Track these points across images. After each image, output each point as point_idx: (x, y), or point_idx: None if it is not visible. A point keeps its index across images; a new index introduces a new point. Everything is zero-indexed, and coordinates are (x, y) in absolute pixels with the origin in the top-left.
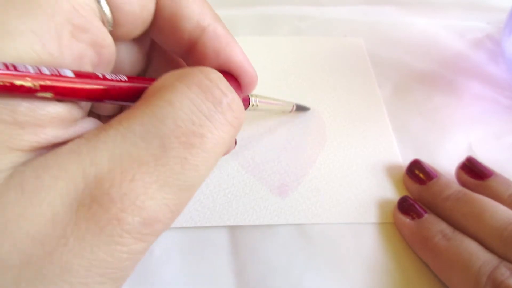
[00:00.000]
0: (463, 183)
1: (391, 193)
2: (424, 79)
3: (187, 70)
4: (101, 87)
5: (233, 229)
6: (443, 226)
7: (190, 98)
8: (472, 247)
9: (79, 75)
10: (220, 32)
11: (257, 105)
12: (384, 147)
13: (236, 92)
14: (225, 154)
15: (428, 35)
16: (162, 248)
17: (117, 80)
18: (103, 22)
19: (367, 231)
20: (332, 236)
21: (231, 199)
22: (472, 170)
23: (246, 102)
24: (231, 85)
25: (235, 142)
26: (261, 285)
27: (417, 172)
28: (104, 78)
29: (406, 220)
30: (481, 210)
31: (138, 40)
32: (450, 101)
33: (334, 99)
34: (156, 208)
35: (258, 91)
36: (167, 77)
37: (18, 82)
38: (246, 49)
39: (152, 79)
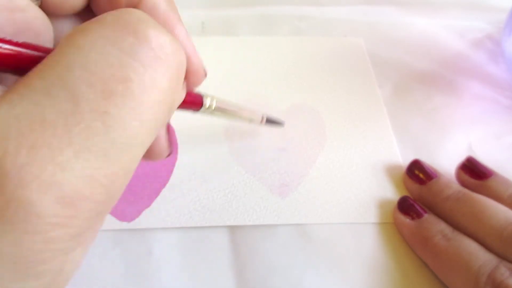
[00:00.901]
0: (463, 183)
1: (391, 193)
2: (424, 79)
3: (102, 14)
4: None
5: (233, 229)
6: (443, 226)
7: (104, 36)
8: (472, 247)
9: None
10: (159, 5)
11: (213, 108)
12: (384, 147)
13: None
14: (166, 114)
15: (428, 35)
16: (162, 248)
17: (6, 41)
18: None
19: (367, 231)
20: (332, 236)
21: (231, 199)
22: (472, 170)
23: (198, 100)
24: None
25: (172, 147)
26: (261, 285)
27: (417, 172)
28: None
29: (406, 220)
30: (481, 210)
31: (83, 15)
32: (450, 101)
33: (334, 99)
34: (75, 181)
35: (258, 91)
36: (78, 26)
37: None
38: (246, 49)
39: None
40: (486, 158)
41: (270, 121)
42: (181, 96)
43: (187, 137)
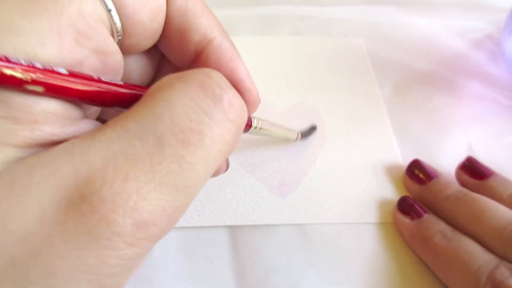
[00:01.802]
0: (463, 183)
1: (391, 193)
2: (424, 79)
3: (187, 71)
4: (95, 88)
5: (233, 229)
6: (442, 226)
7: (189, 95)
8: (471, 247)
9: (72, 74)
10: (225, 46)
11: (260, 128)
12: (384, 147)
13: None
14: (226, 156)
15: (428, 35)
16: (162, 248)
17: (112, 84)
18: (112, 31)
19: (367, 231)
20: (332, 236)
21: (231, 199)
22: (472, 170)
23: (248, 124)
24: None
25: (227, 165)
26: (261, 285)
27: (417, 172)
28: (99, 80)
29: (406, 220)
30: (481, 210)
31: (149, 52)
32: (450, 101)
33: (334, 99)
34: (151, 209)
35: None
36: (166, 78)
37: (8, 72)
38: (246, 49)
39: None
40: (486, 158)
41: (304, 135)
42: (237, 143)
43: None
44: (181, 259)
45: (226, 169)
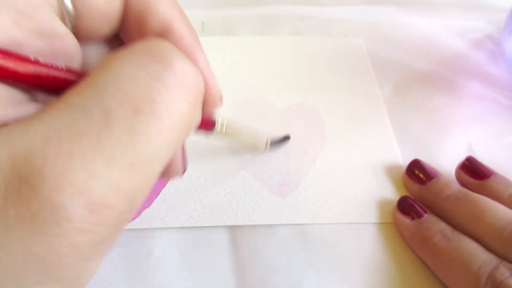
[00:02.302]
0: (463, 183)
1: (391, 193)
2: (424, 79)
3: (132, 43)
4: (29, 70)
5: (233, 229)
6: (443, 226)
7: (135, 62)
8: (472, 247)
9: (4, 53)
10: (185, 35)
11: (225, 131)
12: (384, 147)
13: None
14: (185, 132)
15: (428, 35)
16: (162, 248)
17: (52, 67)
18: (62, 13)
19: (367, 231)
20: (332, 236)
21: (231, 199)
22: (472, 170)
23: (211, 123)
24: None
25: (185, 165)
26: (261, 285)
27: (417, 172)
28: (36, 63)
29: (406, 220)
30: (481, 210)
31: (111, 42)
32: (450, 101)
33: (334, 99)
34: (103, 190)
35: (258, 91)
36: (111, 53)
37: None
38: (246, 49)
39: None
40: (486, 158)
41: (275, 143)
42: (198, 118)
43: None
44: (181, 259)
45: (184, 171)
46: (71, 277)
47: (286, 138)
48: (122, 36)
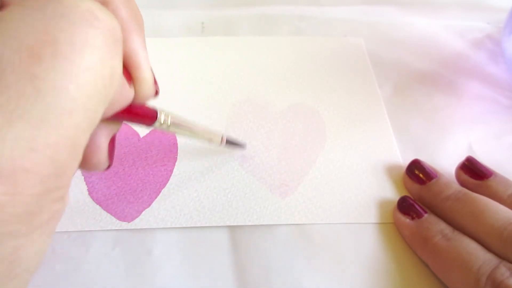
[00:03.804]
0: (463, 183)
1: (391, 193)
2: (424, 79)
3: None
4: None
5: (233, 229)
6: (443, 226)
7: (28, 6)
8: (472, 247)
9: None
10: (122, 13)
11: (169, 125)
12: (384, 147)
13: (126, 87)
14: (105, 82)
15: (428, 35)
16: (162, 248)
17: None
18: None
19: (367, 231)
20: (332, 236)
21: (231, 199)
22: (472, 170)
23: (152, 115)
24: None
25: (111, 158)
26: (261, 285)
27: (417, 172)
28: None
29: (406, 220)
30: (481, 210)
31: None
32: (450, 101)
33: (334, 99)
34: (12, 154)
35: (258, 91)
36: None
37: None
38: (246, 49)
39: None
40: (486, 158)
41: (230, 143)
42: (128, 94)
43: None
44: (181, 259)
45: (108, 166)
46: (4, 257)
47: (242, 145)
48: None
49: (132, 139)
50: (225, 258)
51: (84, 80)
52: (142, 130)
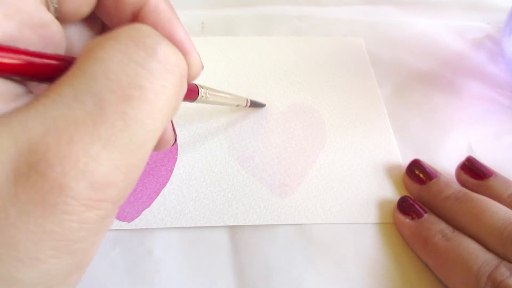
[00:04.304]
0: (463, 183)
1: (391, 193)
2: (424, 79)
3: (115, 30)
4: (20, 60)
5: (233, 229)
6: (443, 226)
7: (120, 50)
8: (472, 247)
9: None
10: (161, 7)
11: (207, 97)
12: (384, 147)
13: None
14: (173, 112)
15: (428, 35)
16: (162, 248)
17: (42, 56)
18: (47, 1)
19: (367, 231)
20: (332, 236)
21: (231, 199)
22: (472, 170)
23: (195, 92)
24: None
25: (175, 135)
26: (261, 285)
27: (417, 172)
28: (25, 52)
29: (406, 220)
30: (481, 210)
31: (88, 22)
32: (450, 101)
33: (334, 99)
34: (104, 170)
35: (258, 91)
36: (96, 39)
37: None
38: (246, 49)
39: None
40: (486, 158)
41: (254, 104)
42: (182, 96)
43: (187, 137)
44: (181, 259)
45: (175, 141)
46: (82, 250)
47: (262, 104)
48: (98, 14)
49: None
50: (225, 258)
51: (159, 117)
52: None
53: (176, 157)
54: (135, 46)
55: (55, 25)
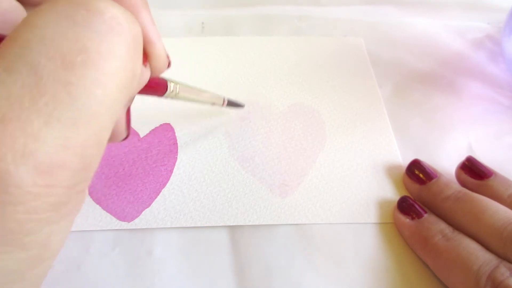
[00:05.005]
0: (463, 183)
1: (391, 193)
2: (424, 79)
3: None
4: None
5: (233, 229)
6: (443, 226)
7: (57, 12)
8: (471, 247)
9: None
10: None
11: (177, 93)
12: (384, 147)
13: (143, 68)
14: (127, 83)
15: (428, 35)
16: (162, 248)
17: None
18: None
19: (367, 231)
20: (332, 236)
21: (231, 199)
22: (472, 170)
23: (162, 85)
24: None
25: (128, 130)
26: (261, 285)
27: (417, 172)
28: None
29: (406, 220)
30: (481, 210)
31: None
32: (450, 101)
33: (334, 99)
34: (49, 150)
35: (258, 91)
36: (32, 11)
37: None
38: (246, 49)
39: None
40: (486, 158)
41: (231, 104)
42: (145, 75)
43: (187, 136)
44: (181, 259)
45: (127, 135)
46: (38, 243)
47: (241, 105)
48: None
49: (132, 139)
50: (225, 258)
51: (110, 85)
52: (142, 130)
53: (176, 157)
54: (75, 6)
55: (7, 2)
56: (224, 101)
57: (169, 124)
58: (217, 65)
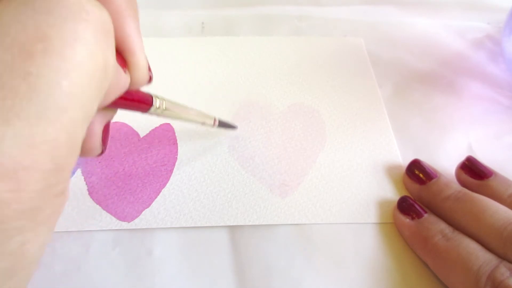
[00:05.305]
0: (463, 183)
1: (391, 193)
2: (424, 79)
3: None
4: None
5: (233, 229)
6: (443, 226)
7: (15, 0)
8: (471, 247)
9: None
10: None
11: (164, 109)
12: (384, 147)
13: (121, 74)
14: (96, 77)
15: (428, 35)
16: (162, 248)
17: None
18: None
19: (367, 231)
20: (332, 236)
21: (231, 199)
22: (472, 170)
23: (146, 100)
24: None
25: (105, 145)
26: (261, 285)
27: (417, 172)
28: None
29: (406, 220)
30: (481, 210)
31: None
32: (450, 101)
33: (334, 99)
34: (11, 151)
35: (258, 91)
36: None
37: None
38: (246, 49)
39: None
40: (486, 158)
41: (222, 125)
42: (123, 79)
43: (187, 136)
44: (181, 259)
45: (102, 151)
46: (11, 253)
47: (233, 126)
48: None
49: (132, 139)
50: (225, 258)
51: (77, 75)
52: (142, 130)
53: (176, 157)
54: None
55: None
56: (215, 121)
57: (169, 124)
58: (217, 65)
